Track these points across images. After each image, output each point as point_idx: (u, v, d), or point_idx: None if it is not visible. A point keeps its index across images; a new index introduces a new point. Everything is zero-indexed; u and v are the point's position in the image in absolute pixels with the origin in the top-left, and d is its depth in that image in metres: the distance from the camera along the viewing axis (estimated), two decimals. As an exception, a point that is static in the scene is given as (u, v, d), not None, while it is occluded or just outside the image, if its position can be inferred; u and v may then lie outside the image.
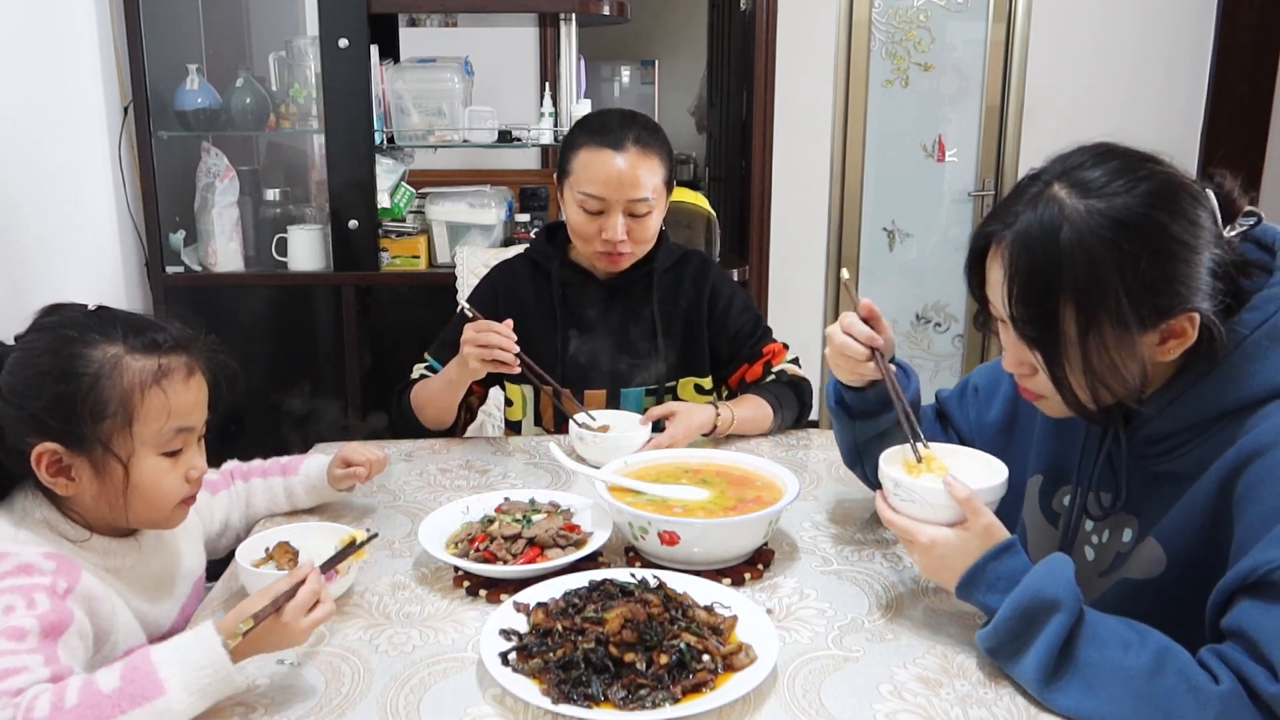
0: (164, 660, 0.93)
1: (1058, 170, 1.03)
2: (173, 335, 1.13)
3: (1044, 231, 0.99)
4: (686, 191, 3.22)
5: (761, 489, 1.36)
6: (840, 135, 4.10)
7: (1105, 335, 0.99)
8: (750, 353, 1.84)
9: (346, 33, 2.47)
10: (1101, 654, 0.96)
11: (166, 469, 1.12)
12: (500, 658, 1.01)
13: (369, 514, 1.45)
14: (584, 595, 1.10)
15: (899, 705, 0.98)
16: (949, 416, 1.43)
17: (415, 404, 1.77)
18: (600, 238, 1.72)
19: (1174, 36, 3.98)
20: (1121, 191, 0.98)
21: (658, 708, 0.94)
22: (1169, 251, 0.97)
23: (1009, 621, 0.99)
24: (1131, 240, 0.97)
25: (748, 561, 1.27)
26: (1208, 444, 1.04)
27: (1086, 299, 0.98)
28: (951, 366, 4.27)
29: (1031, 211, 1.01)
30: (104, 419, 1.07)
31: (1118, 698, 0.93)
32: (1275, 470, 0.95)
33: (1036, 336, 1.03)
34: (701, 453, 1.48)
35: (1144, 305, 0.98)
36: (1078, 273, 0.98)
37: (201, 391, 1.15)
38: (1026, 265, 1.01)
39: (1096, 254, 0.97)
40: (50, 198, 2.23)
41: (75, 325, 1.10)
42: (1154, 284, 0.97)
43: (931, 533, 1.07)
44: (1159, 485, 1.09)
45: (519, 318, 1.75)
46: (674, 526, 1.21)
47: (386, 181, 2.62)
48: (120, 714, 0.89)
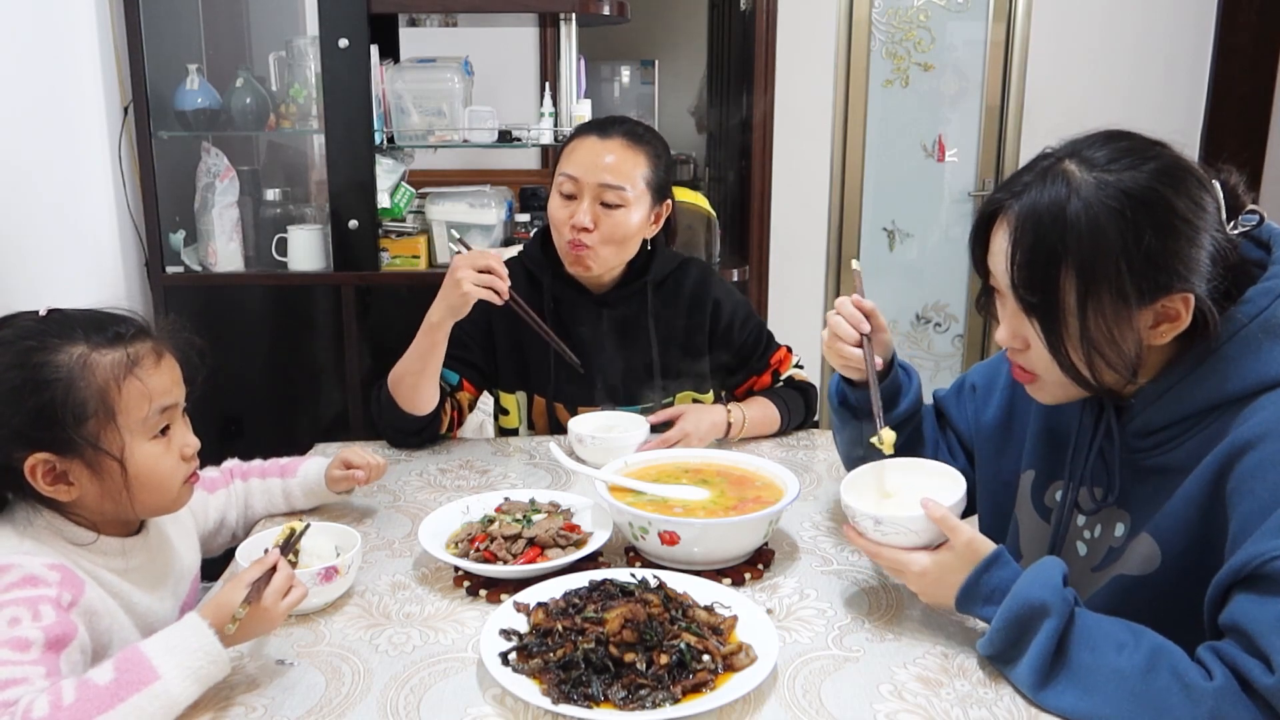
0: (155, 649, 0.95)
1: (1069, 149, 1.05)
2: (134, 324, 1.14)
3: (1051, 202, 1.01)
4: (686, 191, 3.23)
5: (761, 489, 1.36)
6: (840, 135, 4.10)
7: (1104, 305, 1.00)
8: (759, 364, 1.83)
9: (346, 33, 2.47)
10: (1094, 656, 0.96)
11: (161, 451, 1.13)
12: (500, 658, 1.01)
13: (369, 514, 1.45)
14: (584, 595, 1.10)
15: (899, 705, 0.98)
16: (947, 415, 1.43)
17: (392, 380, 1.64)
18: (569, 224, 1.67)
19: (1174, 36, 3.98)
20: (1130, 167, 1.00)
21: (658, 708, 0.94)
22: (1172, 227, 0.99)
23: (1002, 630, 1.01)
24: (1137, 211, 0.98)
25: (748, 561, 1.27)
26: (1199, 438, 1.04)
27: (1088, 267, 1.00)
28: (952, 366, 4.27)
29: (1041, 183, 1.03)
30: (86, 419, 1.07)
31: (1112, 698, 0.94)
32: (1267, 463, 0.96)
33: (1036, 303, 1.04)
34: (701, 452, 1.48)
35: (1144, 278, 0.99)
36: (1081, 241, 0.99)
37: (174, 370, 1.16)
38: (1032, 233, 1.02)
39: (1101, 223, 0.99)
40: (50, 198, 2.23)
41: (32, 334, 1.09)
42: (1155, 258, 0.99)
43: (923, 561, 1.08)
44: (1150, 479, 1.09)
45: (513, 323, 1.74)
46: (674, 526, 1.21)
47: (386, 181, 2.62)
48: (119, 703, 0.90)
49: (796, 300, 4.21)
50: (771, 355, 1.83)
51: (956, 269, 4.27)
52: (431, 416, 1.66)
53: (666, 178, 1.75)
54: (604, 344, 1.77)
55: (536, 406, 1.82)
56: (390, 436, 1.71)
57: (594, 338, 1.77)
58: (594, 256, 1.68)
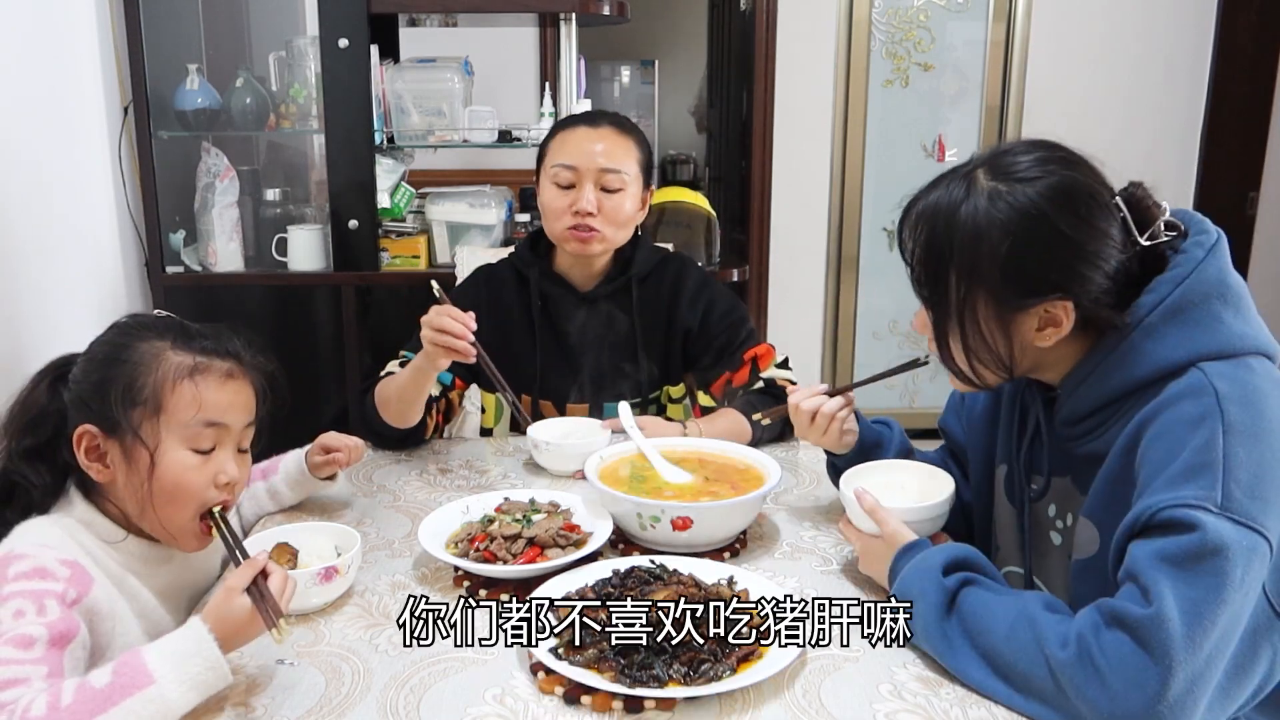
0: (152, 654, 0.96)
1: (990, 156, 1.12)
2: (223, 343, 1.17)
3: (949, 204, 1.09)
4: (686, 191, 3.23)
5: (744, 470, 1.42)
6: (840, 135, 4.10)
7: (979, 307, 1.09)
8: (733, 359, 1.77)
9: (346, 33, 2.47)
10: (983, 635, 1.01)
11: (194, 464, 1.13)
12: (551, 654, 1.01)
13: (369, 514, 1.45)
14: (617, 585, 1.12)
15: (899, 705, 0.98)
16: (949, 436, 1.44)
17: (379, 398, 1.64)
18: (570, 211, 1.68)
19: (1174, 37, 3.98)
20: (1027, 180, 1.07)
21: (720, 680, 0.97)
22: (1050, 243, 1.05)
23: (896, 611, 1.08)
24: (1018, 224, 1.05)
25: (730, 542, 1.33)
26: (1118, 423, 1.08)
27: (967, 269, 1.08)
28: (951, 366, 4.27)
29: (947, 187, 1.11)
30: (135, 405, 1.11)
31: (989, 669, 0.99)
32: (1163, 429, 1.01)
33: (929, 298, 1.14)
34: (662, 441, 1.51)
35: (1017, 285, 1.07)
36: (964, 244, 1.08)
37: (240, 395, 1.17)
38: (927, 230, 1.11)
39: (983, 229, 1.06)
40: (50, 198, 2.23)
41: (139, 325, 1.17)
42: (1028, 268, 1.06)
43: (863, 542, 1.22)
44: (1086, 466, 1.13)
45: (502, 324, 1.74)
46: (688, 511, 1.25)
47: (386, 181, 2.62)
48: (113, 706, 0.91)
49: (796, 300, 4.21)
50: (747, 350, 1.77)
51: (956, 269, 4.26)
52: (416, 426, 1.66)
53: (651, 162, 1.80)
54: (590, 340, 1.78)
55: (524, 404, 1.81)
56: (374, 440, 1.70)
57: (581, 334, 1.78)
58: (599, 239, 1.71)
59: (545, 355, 1.78)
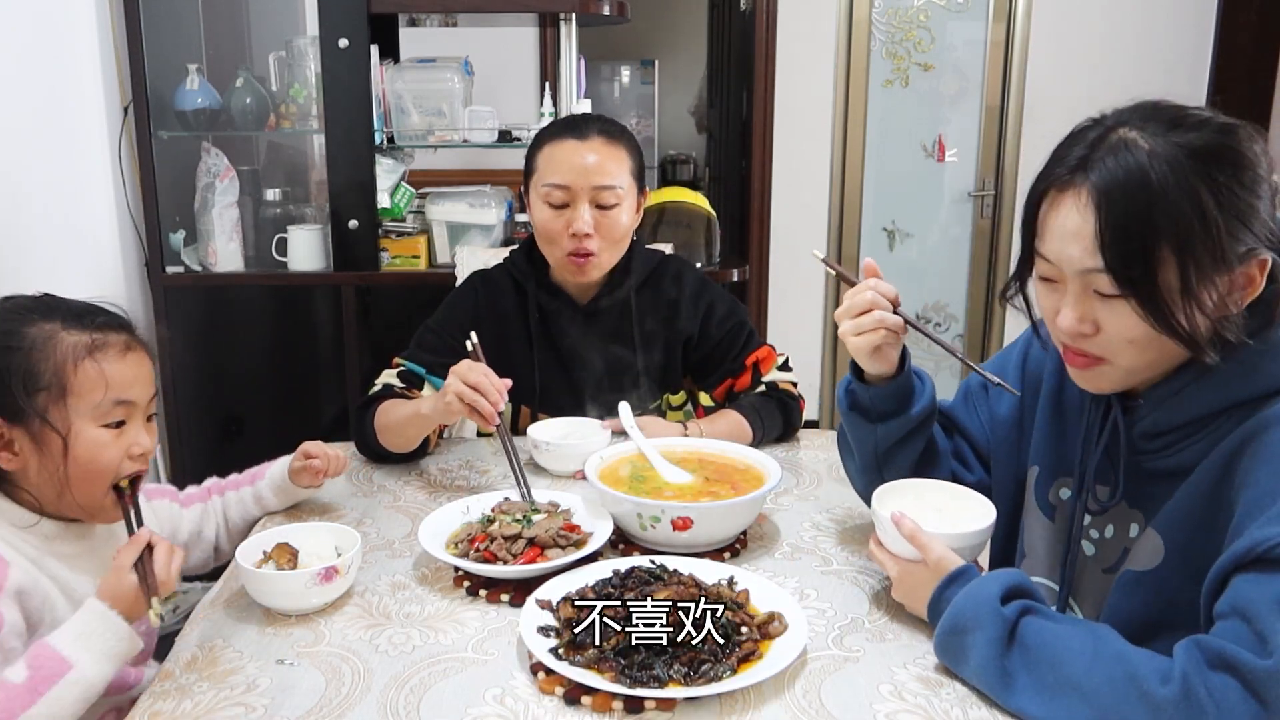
0: (62, 640, 0.99)
1: (1116, 119, 1.02)
2: (114, 316, 1.17)
3: (1131, 174, 0.97)
4: (686, 191, 3.23)
5: (744, 471, 1.41)
6: (840, 135, 4.10)
7: (1206, 271, 0.96)
8: (735, 364, 1.75)
9: (346, 33, 2.47)
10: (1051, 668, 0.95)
11: (108, 441, 1.14)
12: (552, 654, 1.01)
13: (369, 514, 1.45)
14: (617, 585, 1.12)
15: (899, 705, 0.98)
16: (957, 423, 1.39)
17: (379, 425, 1.59)
18: (567, 234, 1.63)
19: (1174, 37, 3.98)
20: (1194, 128, 0.97)
21: (720, 680, 0.97)
22: (1254, 182, 0.97)
23: (940, 642, 1.03)
24: (1223, 170, 0.96)
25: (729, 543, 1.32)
26: (1207, 440, 1.03)
27: (1186, 235, 0.95)
28: (952, 366, 4.26)
29: (1111, 157, 0.98)
30: (38, 391, 1.10)
31: (1071, 707, 0.92)
32: (1270, 450, 0.94)
33: (1136, 278, 0.97)
34: (662, 441, 1.50)
35: (1236, 239, 0.96)
36: (1178, 209, 0.95)
37: (142, 368, 1.17)
38: (1121, 207, 0.97)
39: (1192, 187, 0.95)
40: (50, 198, 2.23)
41: (19, 309, 1.15)
42: (1243, 216, 0.96)
43: (901, 566, 1.13)
44: (1158, 481, 1.08)
45: (500, 332, 1.71)
46: (688, 512, 1.24)
47: (386, 181, 2.62)
48: (40, 697, 0.94)
49: (796, 300, 4.22)
50: (749, 354, 1.74)
51: (957, 269, 4.27)
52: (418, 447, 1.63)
53: (643, 164, 1.74)
54: (589, 353, 1.74)
55: (523, 416, 1.79)
56: (373, 459, 1.65)
57: (579, 347, 1.74)
58: (596, 264, 1.67)
59: (544, 369, 1.75)
